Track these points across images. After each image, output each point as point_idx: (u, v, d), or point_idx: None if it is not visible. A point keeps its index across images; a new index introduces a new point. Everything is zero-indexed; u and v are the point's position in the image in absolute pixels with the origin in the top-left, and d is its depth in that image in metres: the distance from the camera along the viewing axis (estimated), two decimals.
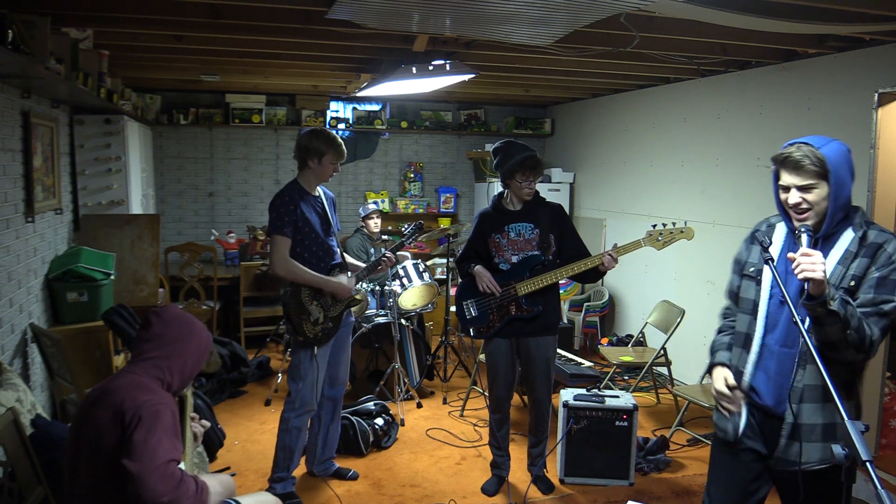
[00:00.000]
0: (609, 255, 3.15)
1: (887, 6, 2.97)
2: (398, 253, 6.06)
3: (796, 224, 2.01)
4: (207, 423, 2.19)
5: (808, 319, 1.94)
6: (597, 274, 3.25)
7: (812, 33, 3.63)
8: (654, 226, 3.18)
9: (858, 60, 3.82)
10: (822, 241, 2.02)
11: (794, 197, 1.99)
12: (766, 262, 1.94)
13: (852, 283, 1.93)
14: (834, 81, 3.97)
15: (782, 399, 2.03)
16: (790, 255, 1.87)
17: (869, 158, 3.72)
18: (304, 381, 3.27)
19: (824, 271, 1.79)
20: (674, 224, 3.15)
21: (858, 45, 3.77)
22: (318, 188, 3.39)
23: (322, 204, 3.39)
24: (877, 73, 3.69)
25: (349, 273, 3.45)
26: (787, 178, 2.00)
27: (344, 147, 3.34)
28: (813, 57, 4.10)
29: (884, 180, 3.73)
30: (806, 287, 1.82)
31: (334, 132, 3.45)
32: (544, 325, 3.34)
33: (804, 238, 1.92)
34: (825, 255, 1.98)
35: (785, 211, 2.06)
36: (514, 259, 3.32)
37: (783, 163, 2.00)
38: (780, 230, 2.16)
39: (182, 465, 1.89)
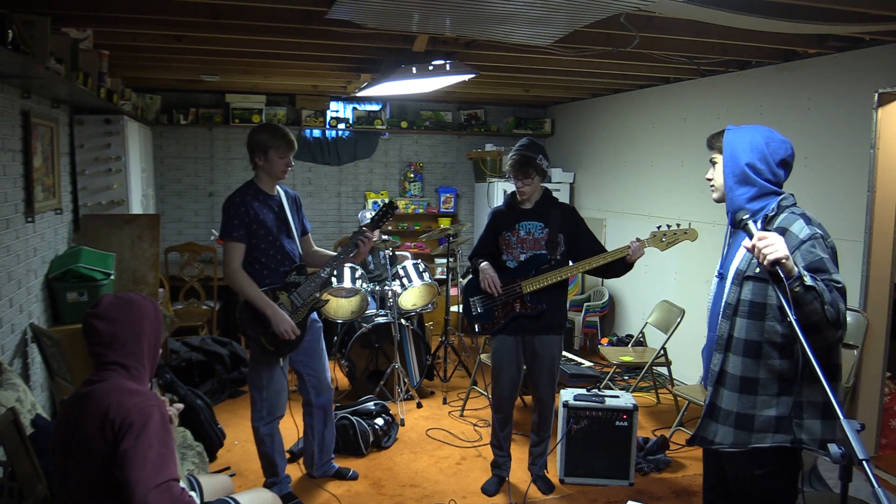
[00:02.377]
0: (637, 240, 3.12)
1: (887, 6, 2.97)
2: (398, 253, 6.05)
3: (737, 217, 2.05)
4: (181, 406, 2.16)
5: (741, 303, 2.05)
6: (624, 266, 3.19)
7: (812, 33, 3.63)
8: (659, 227, 3.17)
9: (858, 60, 3.82)
10: (732, 229, 2.14)
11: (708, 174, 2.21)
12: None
13: (758, 270, 1.97)
14: (834, 81, 3.97)
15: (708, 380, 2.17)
16: (746, 243, 1.87)
17: (869, 158, 3.72)
18: (268, 390, 3.18)
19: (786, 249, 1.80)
20: (678, 225, 3.14)
21: (858, 45, 3.77)
22: (277, 187, 3.24)
23: (280, 203, 3.22)
24: (877, 73, 3.69)
25: (305, 276, 3.22)
26: None
27: (291, 138, 3.10)
28: (813, 57, 4.10)
29: (884, 180, 3.73)
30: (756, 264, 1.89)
31: (278, 125, 3.11)
32: (549, 323, 3.34)
33: (751, 225, 1.92)
34: (738, 244, 2.07)
35: None
36: (523, 257, 3.33)
37: None
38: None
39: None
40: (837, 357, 2.05)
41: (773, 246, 1.77)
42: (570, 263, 3.36)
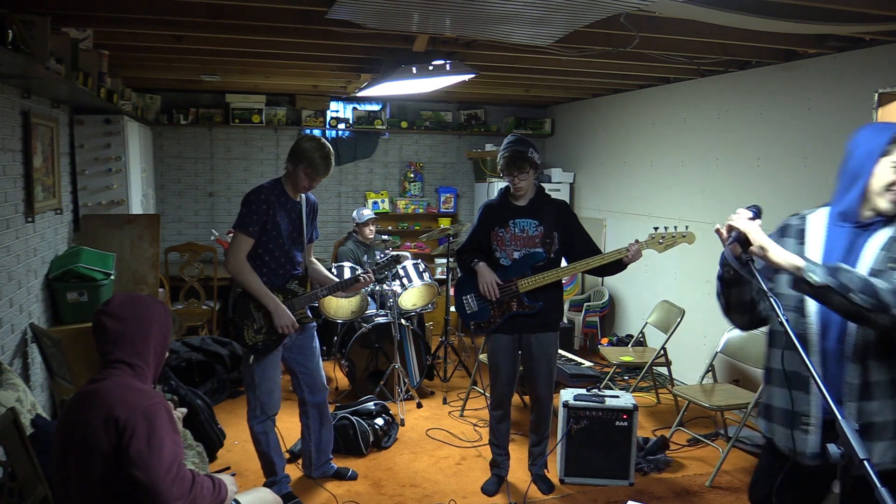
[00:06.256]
0: (637, 242, 3.11)
1: (887, 6, 2.97)
2: (398, 253, 6.04)
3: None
4: (185, 409, 2.19)
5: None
6: (619, 266, 3.21)
7: (812, 33, 3.63)
8: (656, 228, 3.17)
9: (858, 60, 3.82)
10: (854, 229, 2.00)
11: None
12: (747, 264, 1.95)
13: (889, 265, 1.85)
14: (834, 81, 3.97)
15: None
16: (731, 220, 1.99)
17: None
18: (259, 389, 3.20)
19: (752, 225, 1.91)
20: (675, 228, 3.14)
21: (858, 45, 3.77)
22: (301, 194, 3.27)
23: (300, 210, 3.25)
24: (877, 73, 3.69)
25: (304, 289, 3.25)
26: None
27: (324, 165, 3.12)
28: (813, 57, 4.10)
29: None
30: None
31: (327, 147, 3.16)
32: (546, 321, 3.33)
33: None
34: (861, 244, 1.95)
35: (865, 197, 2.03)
36: (517, 255, 3.31)
37: None
38: (818, 221, 2.12)
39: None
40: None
41: (738, 218, 1.93)
42: (564, 261, 3.35)
